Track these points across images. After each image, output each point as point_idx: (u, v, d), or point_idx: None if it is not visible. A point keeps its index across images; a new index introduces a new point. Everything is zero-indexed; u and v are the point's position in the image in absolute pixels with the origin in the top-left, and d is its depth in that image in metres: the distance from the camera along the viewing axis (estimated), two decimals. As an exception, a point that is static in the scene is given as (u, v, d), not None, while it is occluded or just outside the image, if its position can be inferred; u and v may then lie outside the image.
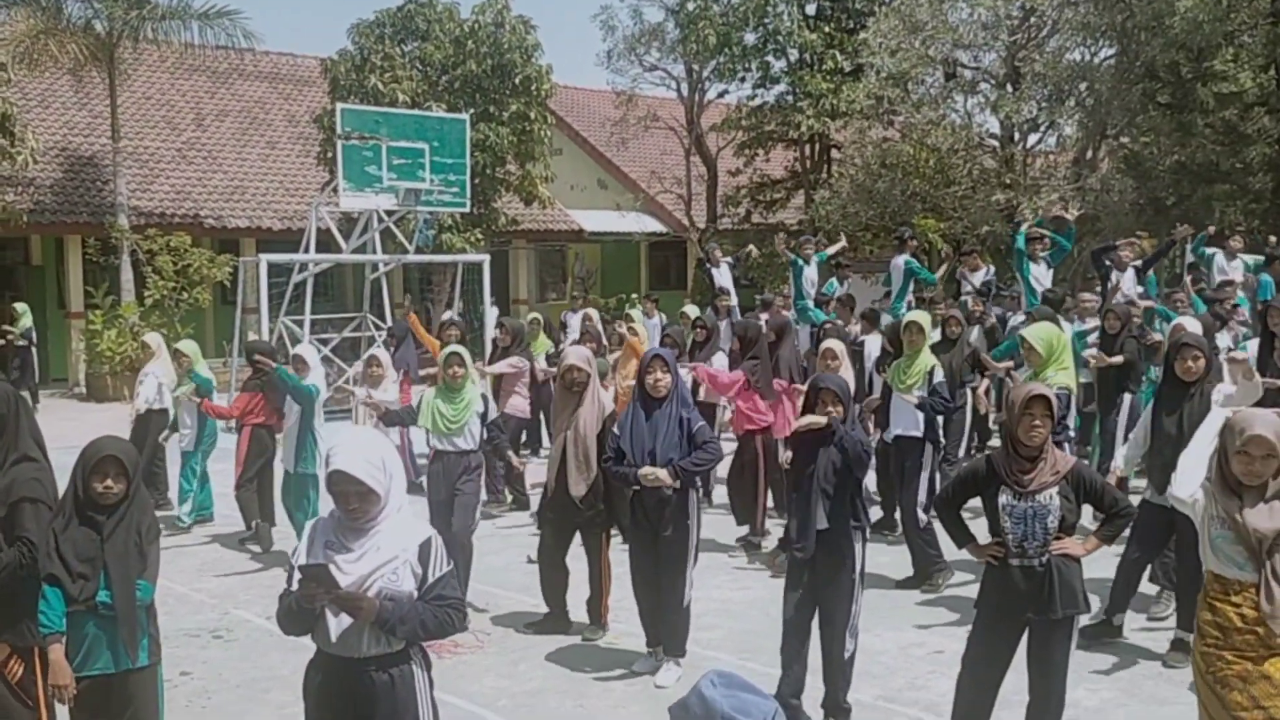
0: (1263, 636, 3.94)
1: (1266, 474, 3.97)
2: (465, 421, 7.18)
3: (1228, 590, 4.03)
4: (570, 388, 6.50)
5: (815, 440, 5.40)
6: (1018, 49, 19.13)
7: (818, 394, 5.44)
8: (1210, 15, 15.60)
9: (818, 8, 23.72)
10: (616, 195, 26.79)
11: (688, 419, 6.03)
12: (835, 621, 5.39)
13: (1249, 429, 3.97)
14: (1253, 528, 3.92)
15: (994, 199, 18.50)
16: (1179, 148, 18.78)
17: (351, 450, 3.40)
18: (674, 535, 6.04)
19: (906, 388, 7.82)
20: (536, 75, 20.47)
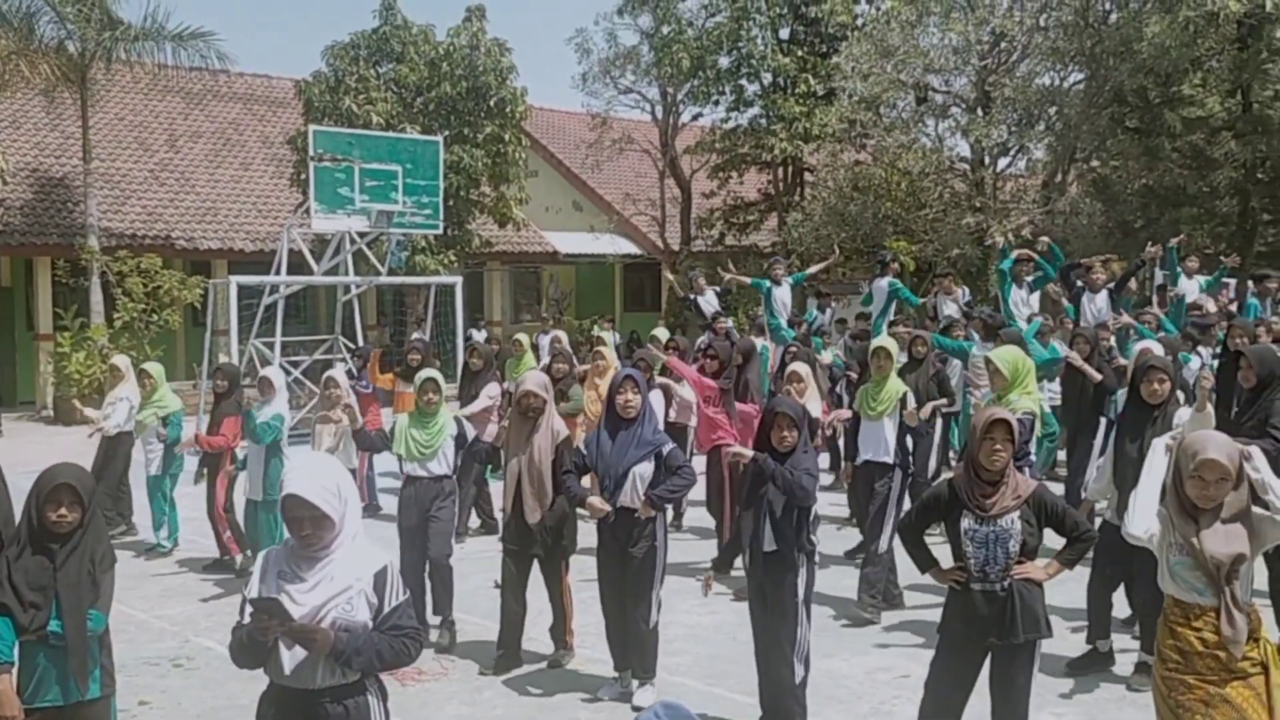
0: (1224, 660, 3.97)
1: (1220, 497, 3.99)
2: (439, 446, 7.15)
3: (1188, 615, 4.05)
4: (526, 413, 6.48)
5: (776, 461, 5.43)
6: (988, 74, 19.30)
7: (774, 418, 5.48)
8: (1177, 41, 15.79)
9: (791, 32, 23.88)
10: (591, 217, 26.85)
11: (658, 442, 6.04)
12: (780, 645, 5.39)
13: (1201, 453, 4.00)
14: (1210, 554, 3.94)
15: (964, 222, 18.63)
16: (1147, 171, 18.99)
17: (306, 475, 3.37)
18: (641, 557, 6.02)
19: (877, 414, 7.80)
20: (511, 98, 20.50)
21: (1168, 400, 6.28)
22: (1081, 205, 19.13)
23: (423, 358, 10.39)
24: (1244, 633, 3.93)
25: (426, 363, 9.94)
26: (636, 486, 5.97)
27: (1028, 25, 18.98)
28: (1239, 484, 4.02)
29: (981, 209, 18.77)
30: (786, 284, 13.87)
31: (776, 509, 5.37)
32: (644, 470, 5.98)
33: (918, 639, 6.98)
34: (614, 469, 6.00)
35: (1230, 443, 4.09)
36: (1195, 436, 4.14)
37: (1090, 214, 18.39)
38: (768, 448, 5.48)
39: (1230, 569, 3.94)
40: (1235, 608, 3.93)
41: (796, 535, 5.42)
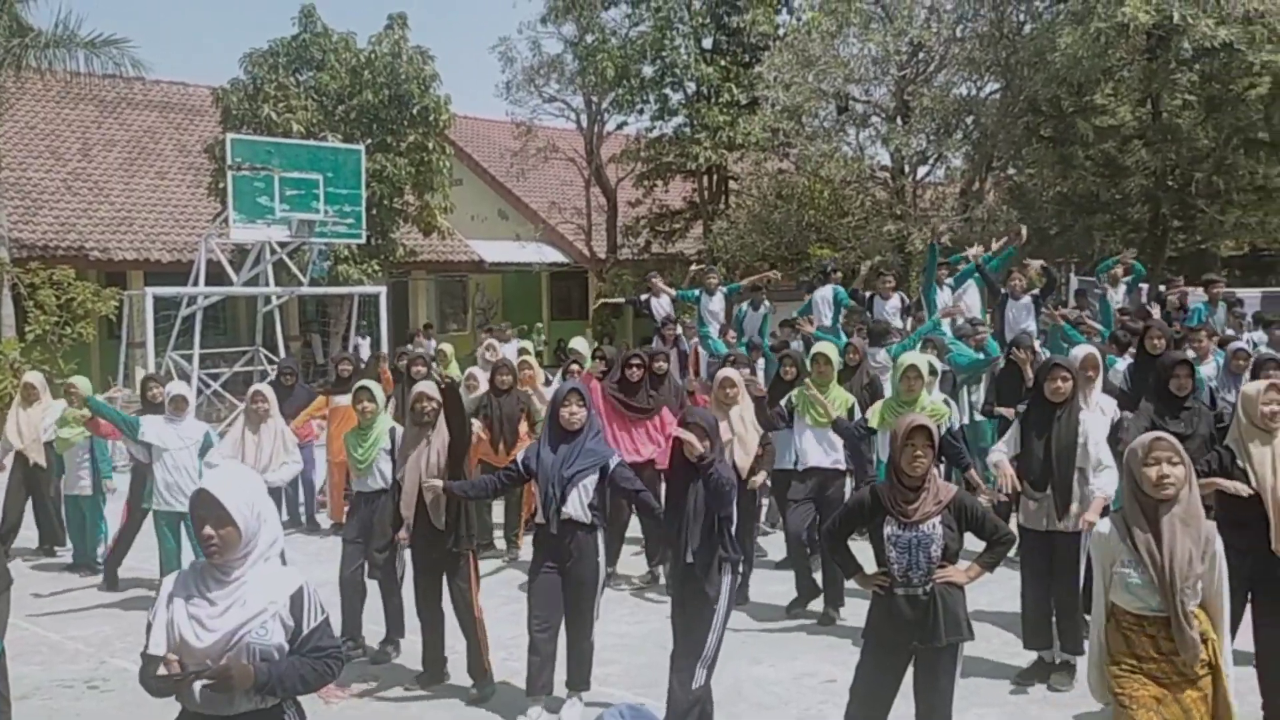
0: (1177, 665, 4.05)
1: (1178, 484, 4.07)
2: (373, 461, 7.04)
3: (1142, 624, 4.11)
4: (421, 419, 6.39)
5: (687, 472, 5.42)
6: (907, 84, 19.61)
7: (686, 428, 5.45)
8: (1089, 51, 16.18)
9: (714, 42, 24.04)
10: (517, 226, 26.76)
11: (604, 454, 5.99)
12: (692, 651, 5.37)
13: (1150, 435, 4.12)
14: (1166, 561, 3.99)
15: (885, 229, 18.90)
16: (1061, 179, 19.47)
17: (224, 479, 3.29)
18: (583, 570, 5.97)
19: (828, 421, 7.80)
20: (435, 106, 20.36)
21: (1071, 398, 6.39)
22: (998, 212, 19.53)
23: (354, 368, 10.24)
24: (1196, 643, 4.01)
25: (360, 374, 9.80)
26: (580, 499, 5.93)
27: (944, 36, 19.34)
28: (1190, 479, 4.11)
29: (902, 216, 19.06)
30: (720, 293, 13.91)
31: (699, 517, 5.37)
32: (589, 483, 5.92)
33: (844, 644, 7.03)
34: (557, 481, 5.92)
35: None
36: (1146, 433, 4.23)
37: (1007, 221, 18.75)
38: (679, 458, 5.44)
39: (1183, 580, 4.00)
40: (1185, 620, 4.01)
41: (718, 544, 5.42)
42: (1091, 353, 7.59)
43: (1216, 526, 4.20)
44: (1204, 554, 4.05)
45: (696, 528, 5.37)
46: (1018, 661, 6.67)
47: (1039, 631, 6.49)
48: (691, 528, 5.37)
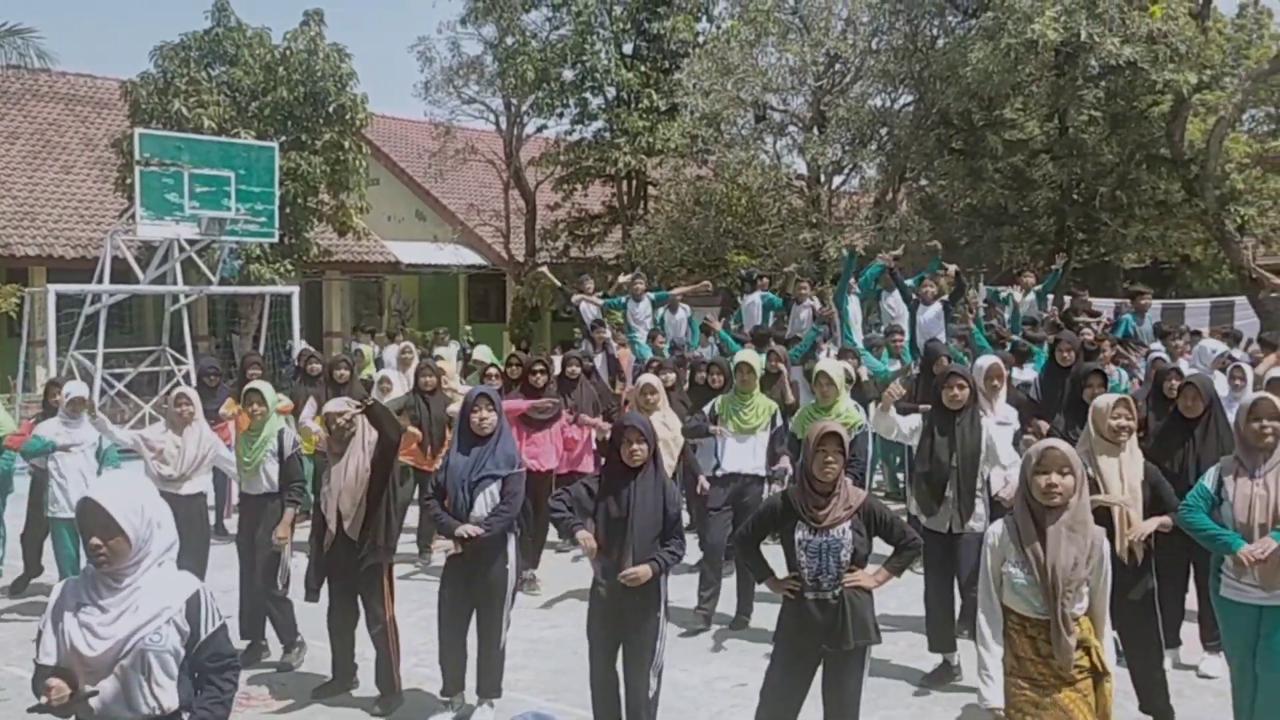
0: (1054, 668, 4.15)
1: (1067, 490, 4.18)
2: (259, 463, 6.92)
3: (1024, 624, 4.21)
4: (342, 434, 6.29)
5: (624, 478, 5.41)
6: (823, 94, 19.88)
7: (623, 432, 5.44)
8: (999, 67, 16.56)
9: (634, 47, 24.11)
10: (435, 227, 26.53)
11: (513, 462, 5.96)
12: (642, 661, 5.38)
13: (1043, 445, 4.22)
14: (1051, 566, 4.09)
15: (801, 237, 19.12)
16: (971, 191, 19.90)
17: (111, 487, 3.21)
18: (493, 576, 5.93)
19: (750, 428, 7.85)
20: (351, 104, 20.09)
21: (969, 405, 6.55)
22: (911, 223, 19.89)
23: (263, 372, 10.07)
24: (1072, 647, 4.11)
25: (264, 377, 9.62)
26: (487, 504, 5.88)
27: (860, 48, 19.64)
28: (1080, 488, 4.22)
29: (818, 225, 19.30)
30: (646, 300, 13.95)
31: (644, 524, 5.31)
32: (496, 489, 5.89)
33: (754, 648, 7.09)
34: (465, 487, 5.87)
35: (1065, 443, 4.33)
36: (1039, 442, 4.35)
37: (919, 231, 19.13)
38: (617, 463, 5.42)
39: (1065, 585, 4.10)
40: (1065, 624, 4.11)
41: (661, 548, 5.41)
42: (996, 363, 7.78)
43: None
44: (1089, 559, 4.17)
45: (642, 535, 5.31)
46: (923, 664, 6.79)
47: (943, 634, 6.63)
48: (634, 535, 5.30)
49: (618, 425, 5.61)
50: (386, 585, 6.34)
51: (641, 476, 5.35)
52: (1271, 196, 19.95)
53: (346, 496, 6.20)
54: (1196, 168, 18.26)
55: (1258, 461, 5.12)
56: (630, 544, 5.30)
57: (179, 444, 7.37)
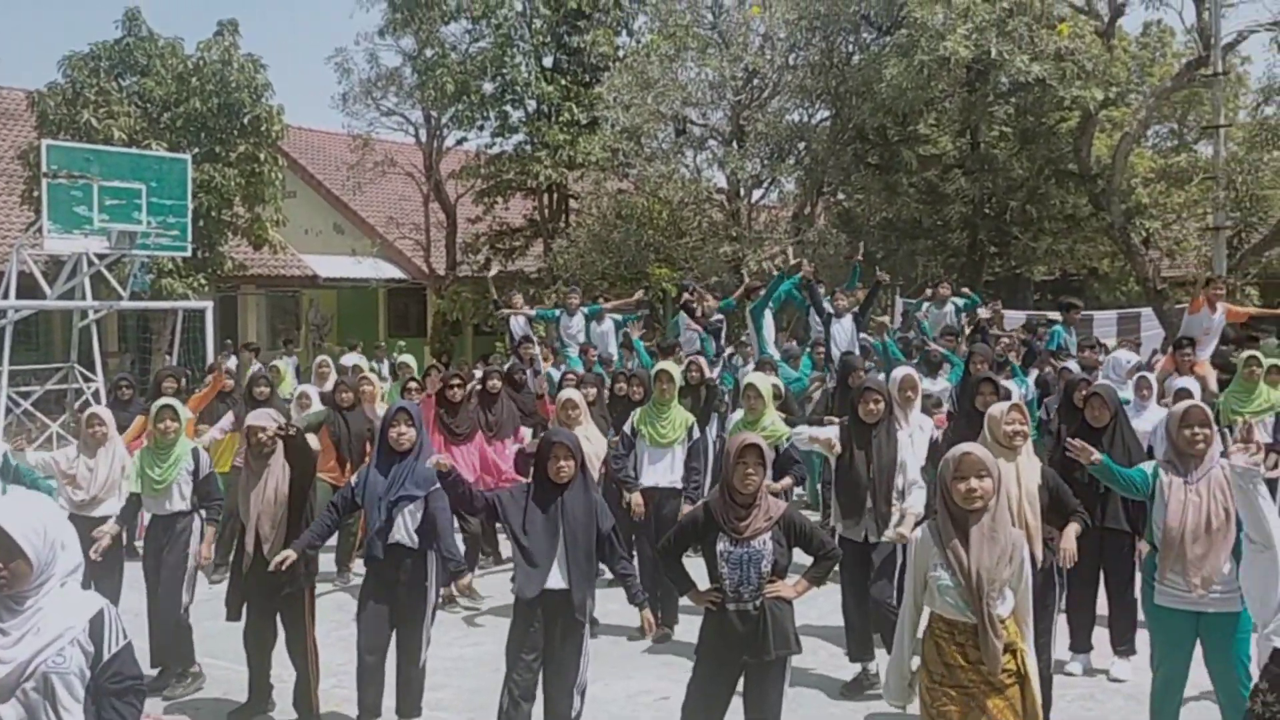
0: (984, 674, 4.21)
1: (986, 494, 4.26)
2: (171, 481, 6.76)
3: (952, 631, 4.28)
4: (260, 450, 6.14)
5: (552, 494, 5.37)
6: (742, 109, 20.08)
7: (550, 448, 5.41)
8: (913, 83, 16.85)
9: (555, 61, 24.10)
10: (353, 240, 26.21)
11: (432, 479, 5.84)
12: (565, 679, 5.36)
13: (959, 451, 4.30)
14: (974, 568, 4.18)
15: (722, 250, 19.26)
16: (886, 205, 20.20)
17: (11, 508, 3.11)
18: (412, 594, 5.87)
19: (668, 442, 7.87)
20: (267, 115, 19.77)
21: (885, 418, 6.66)
22: (829, 236, 20.15)
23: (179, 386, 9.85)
24: (1000, 651, 4.19)
25: (180, 393, 9.42)
26: (406, 523, 5.82)
27: (778, 64, 19.88)
28: (998, 491, 4.31)
29: (738, 238, 19.46)
30: (581, 314, 13.95)
31: (574, 541, 5.29)
32: (415, 507, 5.83)
33: (678, 661, 7.11)
34: (384, 506, 5.78)
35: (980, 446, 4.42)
36: (954, 448, 4.42)
37: (837, 245, 19.38)
38: (544, 480, 5.39)
39: (990, 587, 4.19)
40: (992, 626, 4.19)
41: (592, 567, 5.39)
42: (909, 374, 7.92)
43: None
44: (1010, 559, 4.26)
45: (574, 551, 5.29)
46: (843, 673, 6.86)
47: (862, 643, 6.72)
48: (565, 552, 5.28)
49: (544, 441, 5.59)
50: (307, 606, 6.24)
51: (569, 492, 5.34)
52: (1175, 210, 20.54)
53: (266, 519, 6.09)
54: (1103, 182, 18.77)
55: (1190, 467, 5.28)
56: (561, 561, 5.28)
57: (91, 466, 7.16)
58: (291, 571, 5.95)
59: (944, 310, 13.94)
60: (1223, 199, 17.81)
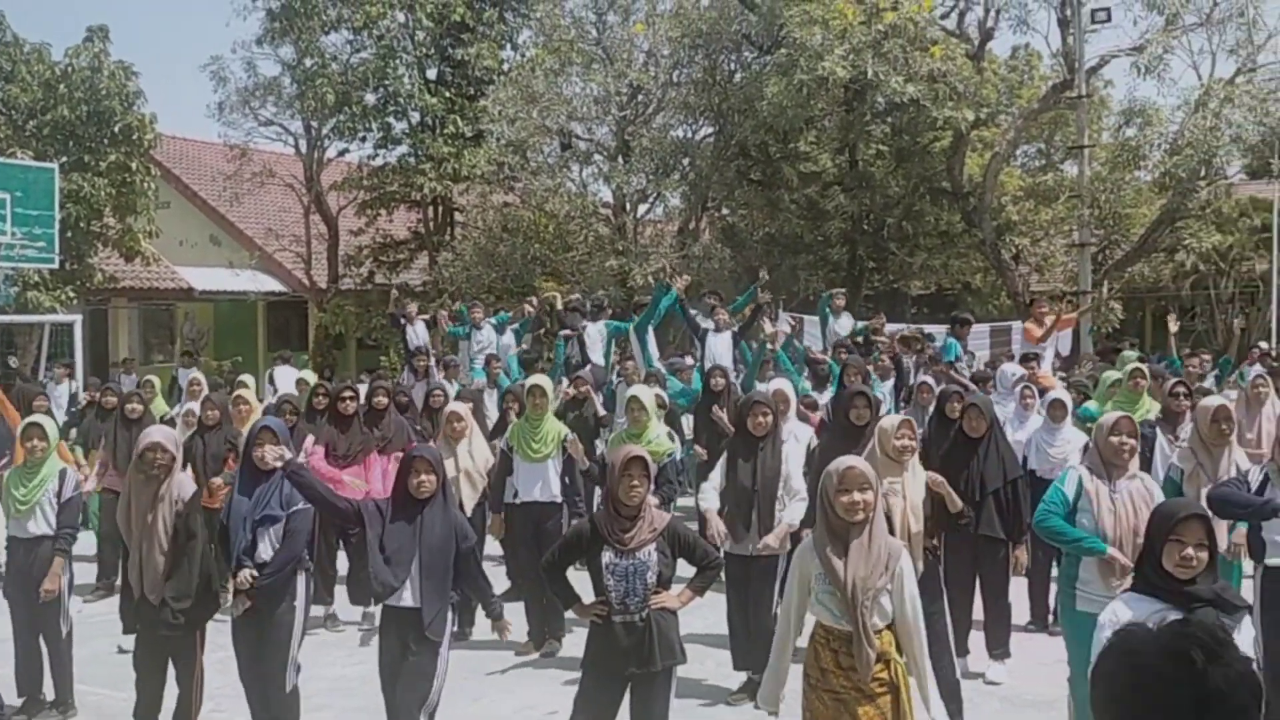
0: (855, 681, 4.31)
1: (868, 506, 4.36)
2: (35, 503, 6.48)
3: (829, 637, 4.38)
4: (150, 470, 5.69)
5: (411, 509, 5.32)
6: (627, 124, 20.24)
7: (410, 463, 5.39)
8: (793, 101, 17.21)
9: (439, 73, 23.94)
10: (230, 253, 25.54)
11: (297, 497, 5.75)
12: (412, 696, 5.26)
13: (842, 464, 4.40)
14: (851, 578, 4.28)
15: (608, 264, 19.37)
16: (769, 221, 20.58)
17: None
18: (276, 617, 5.72)
19: (541, 456, 7.88)
20: (139, 124, 19.20)
21: (773, 431, 6.79)
22: (713, 251, 20.42)
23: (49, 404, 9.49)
24: (872, 659, 4.28)
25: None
26: (273, 542, 5.71)
27: (662, 80, 20.11)
28: (878, 503, 4.42)
29: (624, 252, 19.59)
30: (487, 325, 13.85)
31: (429, 559, 5.24)
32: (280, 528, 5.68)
33: (564, 674, 7.11)
34: (248, 526, 5.63)
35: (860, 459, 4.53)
36: (837, 461, 4.52)
37: (721, 259, 19.65)
38: (403, 494, 5.35)
39: (866, 596, 4.29)
40: (867, 635, 4.29)
41: (448, 585, 5.35)
42: (781, 387, 8.10)
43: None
44: (885, 568, 4.38)
45: (430, 569, 5.24)
46: (729, 682, 6.95)
47: (746, 651, 6.80)
48: (422, 569, 5.23)
49: (406, 455, 5.57)
50: (200, 636, 5.98)
51: (430, 509, 5.30)
52: (1043, 227, 21.35)
53: (153, 547, 5.69)
54: (975, 200, 19.43)
55: (1114, 475, 5.43)
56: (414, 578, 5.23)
57: None
58: (173, 614, 5.67)
59: (840, 321, 14.20)
60: (1087, 216, 18.59)
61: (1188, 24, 18.12)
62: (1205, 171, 17.57)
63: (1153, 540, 3.95)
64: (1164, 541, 3.88)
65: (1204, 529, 3.87)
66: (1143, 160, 18.56)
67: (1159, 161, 18.21)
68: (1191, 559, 3.83)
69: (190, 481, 6.01)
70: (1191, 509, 4.03)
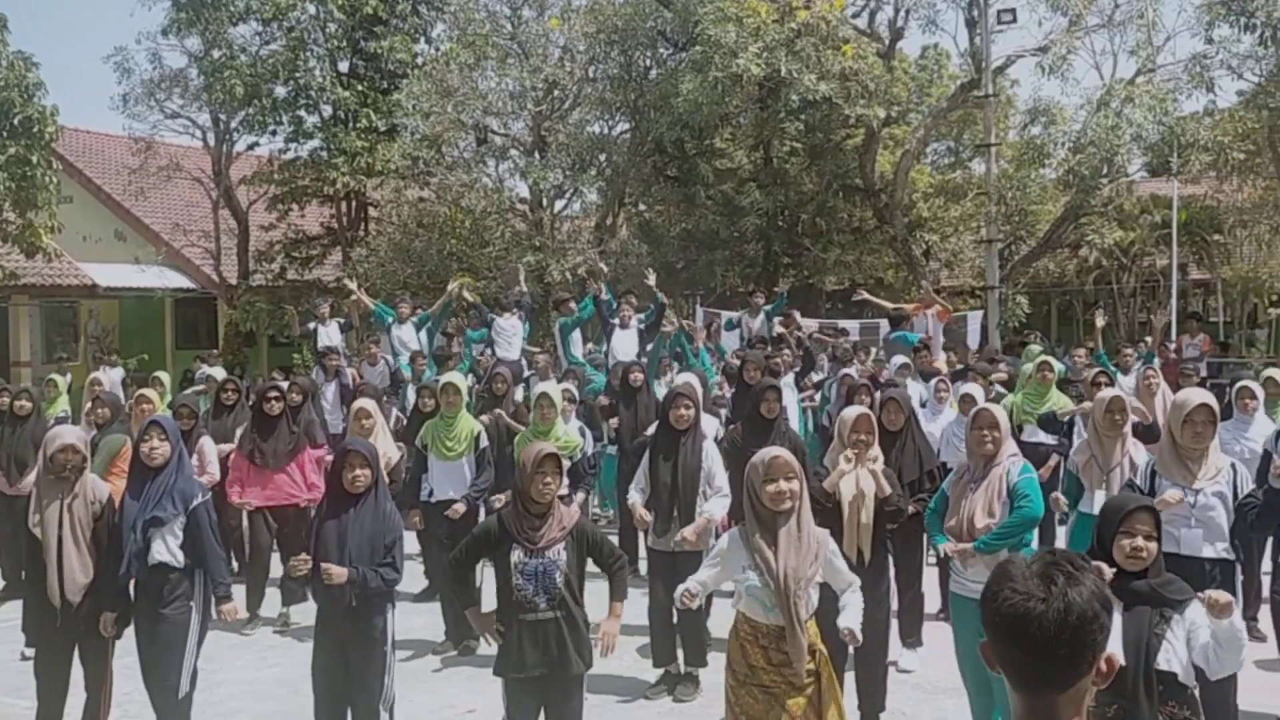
0: (786, 676, 4.36)
1: (794, 495, 4.41)
2: None
3: (756, 632, 4.42)
4: (61, 471, 5.56)
5: (345, 504, 5.28)
6: (543, 119, 20.17)
7: (345, 457, 5.34)
8: (708, 98, 17.30)
9: (351, 66, 23.59)
10: (136, 248, 24.88)
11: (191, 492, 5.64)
12: (371, 695, 5.27)
13: (767, 454, 4.45)
14: (783, 568, 4.33)
15: (525, 260, 19.29)
16: (686, 217, 20.70)
17: None
18: (170, 617, 5.55)
19: (456, 455, 7.82)
20: (40, 116, 18.59)
21: (694, 425, 6.85)
22: (630, 246, 20.47)
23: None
24: (804, 650, 4.34)
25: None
26: (167, 542, 5.57)
27: (578, 76, 20.07)
28: (804, 492, 4.48)
29: (541, 248, 19.54)
30: (410, 323, 13.74)
31: (362, 555, 5.21)
32: (179, 525, 5.55)
33: (480, 674, 7.07)
34: (140, 527, 5.49)
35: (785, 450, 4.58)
36: (762, 452, 4.57)
37: (638, 255, 19.70)
38: (338, 489, 5.30)
39: (797, 588, 4.35)
40: (798, 626, 4.34)
41: (383, 580, 5.30)
42: (688, 380, 8.18)
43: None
44: (816, 557, 4.45)
45: (359, 563, 5.21)
46: (648, 675, 7.00)
47: (665, 647, 6.85)
48: (349, 563, 5.20)
49: (340, 449, 5.51)
50: (110, 640, 5.85)
51: (364, 504, 5.27)
52: (952, 224, 21.81)
53: (69, 551, 5.55)
54: (886, 197, 19.76)
55: (977, 466, 5.63)
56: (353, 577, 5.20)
57: None
58: (91, 614, 5.57)
59: (758, 319, 14.43)
60: (994, 213, 19.00)
61: (1090, 25, 18.67)
62: (1107, 169, 18.07)
63: (1102, 534, 4.07)
64: (1114, 535, 3.99)
65: (1153, 520, 4.01)
66: (1047, 158, 19.03)
67: (1063, 159, 18.67)
68: (1141, 550, 3.95)
69: (102, 482, 5.87)
70: (1139, 502, 4.18)
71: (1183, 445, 5.50)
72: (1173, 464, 5.53)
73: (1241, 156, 18.01)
